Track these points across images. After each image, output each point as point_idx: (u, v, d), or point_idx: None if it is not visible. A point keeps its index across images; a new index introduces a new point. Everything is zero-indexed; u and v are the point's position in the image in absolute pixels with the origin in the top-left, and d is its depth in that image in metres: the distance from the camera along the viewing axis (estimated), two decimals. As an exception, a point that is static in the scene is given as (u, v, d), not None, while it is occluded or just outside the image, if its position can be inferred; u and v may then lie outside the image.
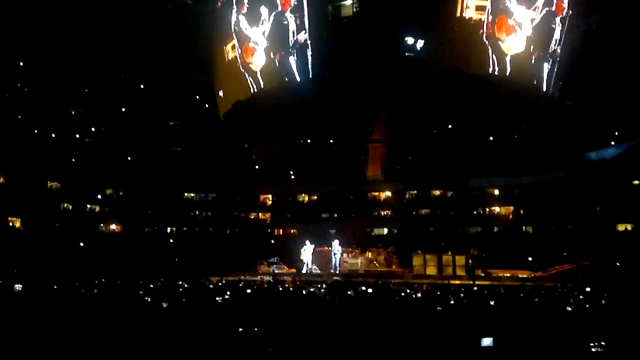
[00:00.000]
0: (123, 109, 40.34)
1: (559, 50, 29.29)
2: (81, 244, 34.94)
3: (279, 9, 31.70)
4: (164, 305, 11.72)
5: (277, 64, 32.55)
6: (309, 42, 31.16)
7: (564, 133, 35.32)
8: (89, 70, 37.05)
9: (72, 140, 38.38)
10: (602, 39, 30.13)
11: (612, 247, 29.70)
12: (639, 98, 33.07)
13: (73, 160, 37.67)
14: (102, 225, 38.97)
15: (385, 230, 40.01)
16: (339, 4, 33.63)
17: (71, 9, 33.56)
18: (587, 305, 12.90)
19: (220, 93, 37.12)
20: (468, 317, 11.63)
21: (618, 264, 26.09)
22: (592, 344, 8.14)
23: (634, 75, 32.42)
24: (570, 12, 28.84)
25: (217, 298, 13.68)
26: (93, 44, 35.30)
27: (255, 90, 34.15)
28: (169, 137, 42.02)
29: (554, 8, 28.93)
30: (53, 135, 37.09)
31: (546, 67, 29.89)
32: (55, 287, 15.98)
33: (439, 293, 14.97)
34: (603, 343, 8.13)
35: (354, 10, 33.55)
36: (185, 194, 42.35)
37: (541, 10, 28.83)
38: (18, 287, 14.35)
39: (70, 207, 37.74)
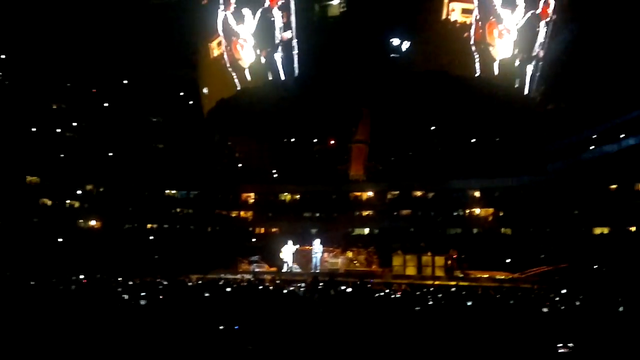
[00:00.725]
0: (105, 104, 39.97)
1: (542, 54, 29.70)
2: (60, 240, 34.55)
3: (266, 5, 31.67)
4: (142, 302, 11.68)
5: (262, 61, 32.51)
6: (294, 40, 31.19)
7: (544, 136, 35.81)
8: (71, 65, 36.67)
9: (53, 135, 37.92)
10: (584, 44, 30.61)
11: (589, 250, 30.18)
12: (619, 103, 33.68)
13: (53, 155, 37.21)
14: (81, 221, 38.54)
15: (367, 230, 40.16)
16: (326, 4, 33.68)
17: (55, 3, 33.24)
18: (562, 307, 13.13)
19: (205, 90, 36.97)
20: (445, 317, 11.77)
21: (594, 266, 26.54)
22: (559, 345, 8.31)
23: (615, 80, 33.02)
24: (555, 16, 29.26)
25: (197, 296, 13.67)
26: (76, 38, 34.97)
27: (240, 88, 34.08)
28: (152, 134, 41.73)
29: (538, 11, 29.30)
30: (34, 129, 36.62)
31: (529, 70, 30.29)
32: (32, 282, 15.82)
33: (417, 293, 15.12)
34: (571, 344, 8.30)
35: (341, 10, 33.64)
36: (167, 191, 42.07)
37: (525, 14, 29.17)
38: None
39: (50, 202, 37.29)
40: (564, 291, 17.37)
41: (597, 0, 29.52)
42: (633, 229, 32.89)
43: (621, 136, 34.09)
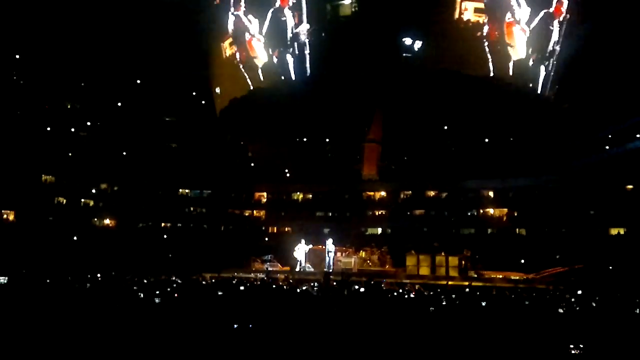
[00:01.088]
0: (119, 104, 40.23)
1: (556, 53, 29.45)
2: (75, 238, 34.85)
3: (277, 5, 31.71)
4: (157, 301, 11.76)
5: (275, 61, 32.58)
6: (306, 40, 31.19)
7: (559, 136, 35.46)
8: (85, 65, 36.92)
9: (68, 134, 38.22)
10: (598, 43, 30.25)
11: (605, 250, 29.85)
12: (635, 102, 33.24)
13: (68, 154, 37.52)
14: (96, 219, 38.84)
15: (380, 230, 40.05)
16: (337, 4, 33.69)
17: (69, 3, 33.51)
18: (578, 308, 13.01)
19: (217, 90, 37.16)
20: (460, 318, 11.71)
21: (610, 267, 26.24)
22: (571, 346, 8.24)
23: (630, 79, 32.58)
24: (569, 16, 28.98)
25: (211, 294, 13.73)
26: (90, 38, 35.21)
27: (253, 88, 34.18)
28: (165, 133, 41.92)
29: (552, 10, 29.04)
30: (48, 128, 36.94)
31: (543, 69, 30.05)
32: (48, 280, 15.97)
33: (431, 293, 15.06)
34: (582, 345, 8.23)
35: (353, 10, 33.60)
36: (180, 190, 42.28)
37: (539, 13, 28.94)
38: (2, 279, 14.30)
39: (65, 201, 37.61)
40: (579, 292, 17.21)
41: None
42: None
43: (637, 136, 33.66)
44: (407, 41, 31.84)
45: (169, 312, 10.96)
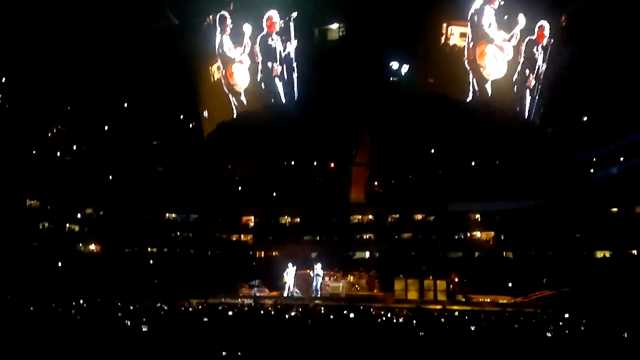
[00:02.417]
0: (106, 128, 40.13)
1: (540, 78, 29.93)
2: (60, 264, 34.37)
3: (265, 31, 32.03)
4: (144, 329, 11.59)
5: (262, 85, 32.75)
6: (295, 64, 31.42)
7: (544, 159, 35.91)
8: (71, 88, 36.87)
9: (53, 159, 37.96)
10: (582, 67, 30.82)
11: (591, 273, 30.04)
12: (619, 127, 33.84)
13: (53, 178, 37.21)
14: (81, 245, 38.38)
15: (367, 254, 39.97)
16: (325, 28, 34.07)
17: (56, 27, 33.56)
18: (565, 331, 13.04)
19: (205, 113, 37.22)
20: (448, 343, 11.68)
21: (596, 290, 26.38)
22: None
23: (614, 104, 33.20)
24: (552, 40, 29.54)
25: (198, 321, 13.57)
26: (77, 62, 35.23)
27: (239, 112, 34.28)
28: (152, 157, 41.80)
29: (535, 37, 29.61)
30: (33, 153, 36.67)
31: (528, 94, 30.51)
32: (32, 307, 15.72)
33: (419, 319, 15.01)
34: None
35: (340, 34, 33.99)
36: (167, 215, 42.00)
37: (522, 39, 29.43)
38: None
39: (50, 226, 37.15)
40: (566, 315, 17.25)
41: (593, 23, 29.78)
42: (634, 252, 32.81)
43: (621, 159, 34.19)
44: (394, 65, 32.22)
45: (155, 339, 10.81)
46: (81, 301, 19.23)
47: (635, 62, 30.62)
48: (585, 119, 36.16)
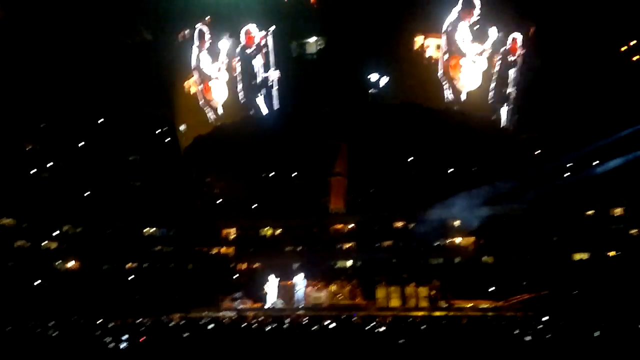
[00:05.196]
0: (81, 144, 39.67)
1: (514, 87, 30.46)
2: (36, 283, 33.77)
3: (243, 43, 32.02)
4: (123, 345, 11.47)
5: (240, 98, 32.70)
6: (274, 78, 31.50)
7: (521, 165, 36.42)
8: (45, 105, 36.42)
9: (28, 176, 37.38)
10: (553, 75, 31.46)
11: (569, 276, 30.51)
12: (592, 130, 34.49)
13: (29, 196, 36.61)
14: (58, 262, 37.75)
15: (349, 263, 40.02)
16: (303, 42, 34.31)
17: (28, 42, 33.18)
18: (545, 335, 13.21)
19: (182, 127, 36.99)
20: (432, 349, 11.77)
21: (575, 292, 26.79)
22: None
23: (587, 108, 33.87)
24: (524, 51, 30.12)
25: (180, 336, 13.45)
26: (50, 78, 34.82)
27: (216, 125, 34.20)
28: (129, 172, 41.41)
29: (508, 48, 30.15)
30: (8, 171, 36.08)
31: (503, 102, 30.99)
32: (8, 327, 15.43)
33: (402, 325, 15.09)
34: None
35: (318, 47, 34.28)
36: (146, 229, 41.56)
37: (496, 50, 29.90)
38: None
39: (26, 244, 36.49)
40: (545, 318, 17.46)
41: (563, 34, 30.47)
42: (612, 253, 33.42)
43: (595, 162, 34.84)
44: (372, 77, 32.57)
45: (136, 356, 10.69)
46: (60, 319, 18.91)
47: (605, 68, 31.37)
48: (558, 124, 36.82)
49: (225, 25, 31.88)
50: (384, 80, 32.25)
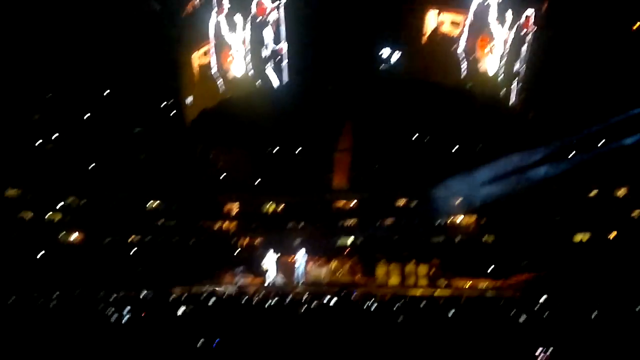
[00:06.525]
0: (87, 115, 39.57)
1: (524, 65, 30.22)
2: (40, 255, 34.06)
3: (253, 12, 31.57)
4: (126, 318, 11.63)
5: (250, 71, 32.35)
6: (284, 51, 31.18)
7: (525, 143, 36.23)
8: (51, 75, 36.25)
9: (33, 147, 37.42)
10: (562, 53, 31.12)
11: (569, 256, 30.57)
12: (598, 110, 34.21)
13: (34, 167, 36.70)
14: (62, 234, 38.01)
15: (350, 240, 40.13)
16: (314, 14, 33.84)
17: (32, 13, 32.89)
18: (544, 314, 13.32)
19: (188, 100, 36.81)
20: (430, 327, 11.88)
21: (574, 273, 26.89)
22: (538, 350, 8.46)
23: (595, 87, 33.54)
24: (536, 27, 29.78)
25: (183, 309, 13.63)
26: (55, 47, 34.58)
27: (224, 98, 33.99)
28: (133, 144, 41.35)
29: (522, 21, 29.82)
30: (13, 141, 36.13)
31: (514, 80, 30.77)
32: (13, 299, 15.65)
33: (400, 303, 15.22)
34: (548, 349, 8.46)
35: (329, 21, 33.81)
36: (149, 203, 41.67)
37: (510, 28, 29.61)
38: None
39: (30, 215, 36.72)
40: (544, 298, 17.57)
41: (575, 11, 30.01)
42: (613, 235, 33.42)
43: (599, 143, 34.63)
44: (383, 53, 32.27)
45: (138, 329, 10.84)
46: (63, 292, 19.15)
47: (617, 47, 30.97)
48: (567, 103, 36.50)
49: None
50: (396, 56, 31.97)
